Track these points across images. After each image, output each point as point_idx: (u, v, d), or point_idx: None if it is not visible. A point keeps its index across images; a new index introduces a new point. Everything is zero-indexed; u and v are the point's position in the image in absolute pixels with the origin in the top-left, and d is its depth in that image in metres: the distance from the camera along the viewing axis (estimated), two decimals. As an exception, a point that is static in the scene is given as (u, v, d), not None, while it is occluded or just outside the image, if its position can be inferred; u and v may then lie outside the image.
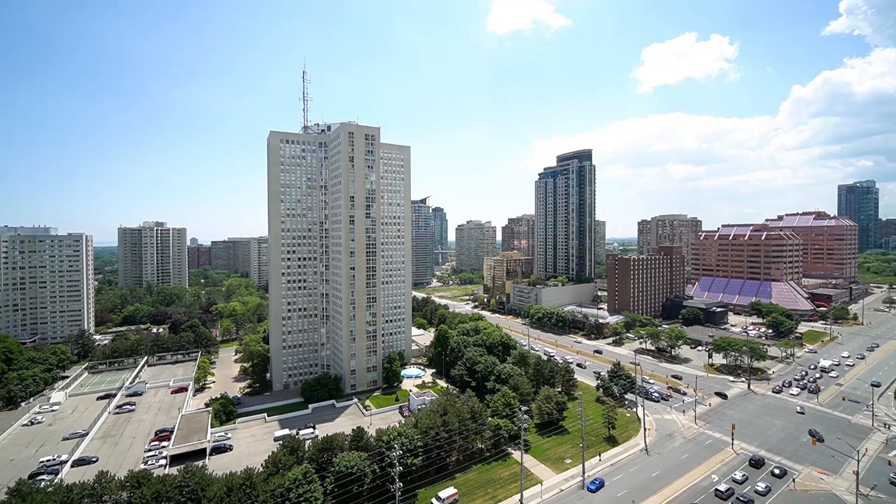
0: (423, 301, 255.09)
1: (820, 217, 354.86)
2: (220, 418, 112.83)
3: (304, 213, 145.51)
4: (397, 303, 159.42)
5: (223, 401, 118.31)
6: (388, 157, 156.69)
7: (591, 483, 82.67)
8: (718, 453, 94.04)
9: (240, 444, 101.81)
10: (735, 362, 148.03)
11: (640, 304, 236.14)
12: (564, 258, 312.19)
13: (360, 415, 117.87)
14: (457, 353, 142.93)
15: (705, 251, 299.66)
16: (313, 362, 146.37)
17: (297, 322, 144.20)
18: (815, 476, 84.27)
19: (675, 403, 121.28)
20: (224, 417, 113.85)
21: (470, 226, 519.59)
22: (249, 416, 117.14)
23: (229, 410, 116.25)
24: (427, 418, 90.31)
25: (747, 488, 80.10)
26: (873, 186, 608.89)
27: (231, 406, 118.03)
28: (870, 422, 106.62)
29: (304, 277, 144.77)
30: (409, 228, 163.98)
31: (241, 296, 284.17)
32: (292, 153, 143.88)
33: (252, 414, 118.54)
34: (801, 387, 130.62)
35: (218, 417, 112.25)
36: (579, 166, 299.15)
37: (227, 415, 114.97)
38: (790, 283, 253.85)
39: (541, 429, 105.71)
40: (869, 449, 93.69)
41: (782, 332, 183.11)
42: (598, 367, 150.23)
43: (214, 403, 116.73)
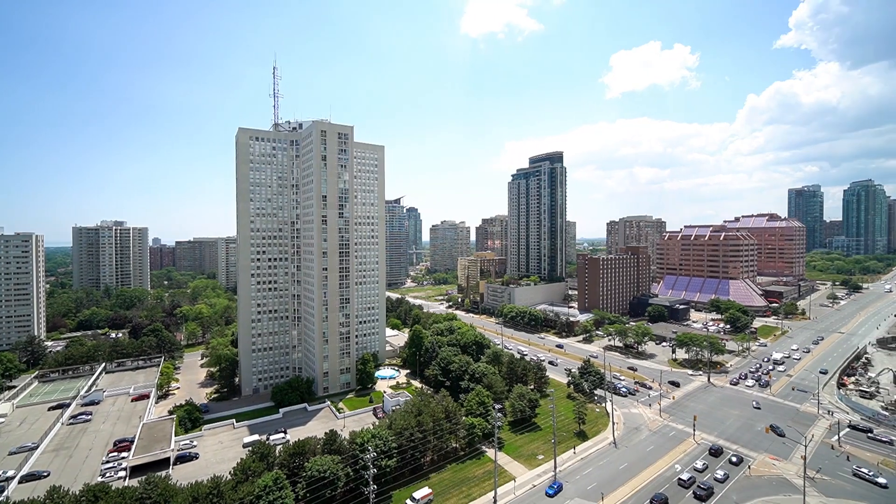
0: (397, 301, 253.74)
1: (772, 219, 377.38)
2: (185, 426, 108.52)
3: (275, 213, 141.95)
4: (371, 303, 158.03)
5: (188, 407, 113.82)
6: (362, 156, 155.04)
7: (549, 488, 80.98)
8: (681, 444, 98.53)
9: (206, 452, 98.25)
10: (696, 357, 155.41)
11: (608, 303, 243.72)
12: (537, 258, 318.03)
13: (333, 418, 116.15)
14: (431, 354, 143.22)
15: (669, 251, 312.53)
16: (284, 365, 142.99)
17: (268, 324, 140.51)
18: (768, 462, 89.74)
19: (641, 397, 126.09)
20: (189, 425, 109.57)
21: (444, 226, 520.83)
22: (217, 422, 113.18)
23: (195, 417, 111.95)
24: (401, 419, 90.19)
25: (707, 476, 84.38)
26: (818, 190, 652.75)
27: (197, 412, 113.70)
28: (816, 409, 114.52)
29: (274, 278, 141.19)
30: (383, 228, 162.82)
31: (207, 298, 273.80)
32: (262, 151, 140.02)
33: (219, 420, 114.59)
34: (756, 379, 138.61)
35: (183, 425, 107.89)
36: (551, 168, 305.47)
37: (192, 422, 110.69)
38: (746, 281, 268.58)
39: (514, 426, 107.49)
40: (815, 435, 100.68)
41: (739, 328, 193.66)
42: (569, 364, 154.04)
43: (179, 410, 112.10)
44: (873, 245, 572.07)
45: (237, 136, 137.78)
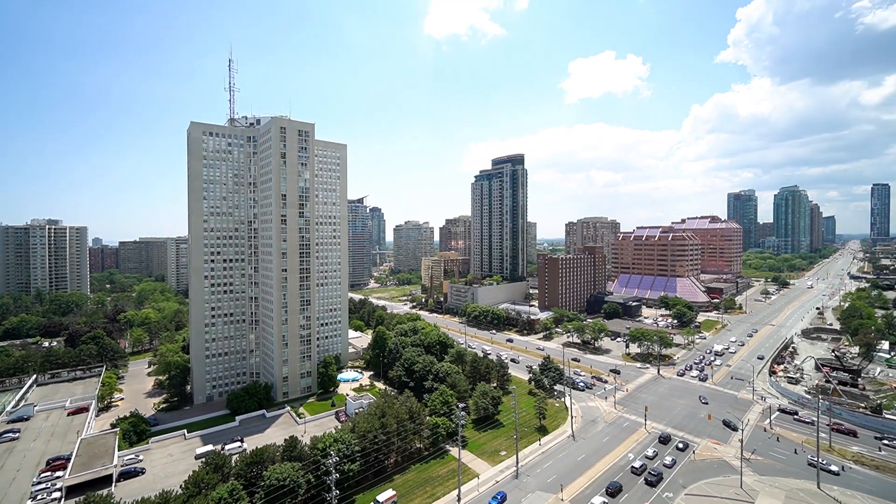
0: (360, 303, 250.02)
1: (714, 221, 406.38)
2: (130, 439, 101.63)
3: (230, 212, 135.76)
4: (333, 305, 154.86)
5: (133, 419, 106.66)
6: (324, 154, 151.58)
7: (493, 498, 77.46)
8: (634, 433, 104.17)
9: (154, 467, 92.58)
10: (647, 351, 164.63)
11: (567, 301, 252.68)
12: (499, 258, 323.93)
13: (293, 423, 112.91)
14: (395, 354, 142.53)
15: (623, 251, 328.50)
16: (241, 371, 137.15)
17: (223, 328, 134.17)
18: (710, 447, 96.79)
19: (598, 391, 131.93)
20: (135, 438, 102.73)
21: (408, 226, 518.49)
22: (166, 434, 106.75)
23: (141, 430, 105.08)
24: (365, 422, 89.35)
25: (657, 463, 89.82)
26: (753, 195, 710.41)
27: (143, 425, 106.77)
28: (750, 396, 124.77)
29: (230, 280, 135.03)
30: (346, 228, 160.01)
31: (155, 302, 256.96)
32: (217, 147, 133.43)
33: (169, 431, 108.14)
34: (699, 370, 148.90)
35: (127, 438, 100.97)
36: (512, 170, 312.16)
37: (138, 435, 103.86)
38: (691, 279, 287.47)
39: (477, 424, 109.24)
40: (750, 419, 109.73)
41: (685, 322, 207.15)
42: (530, 362, 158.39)
43: (122, 423, 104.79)
44: (799, 245, 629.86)
45: (189, 130, 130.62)
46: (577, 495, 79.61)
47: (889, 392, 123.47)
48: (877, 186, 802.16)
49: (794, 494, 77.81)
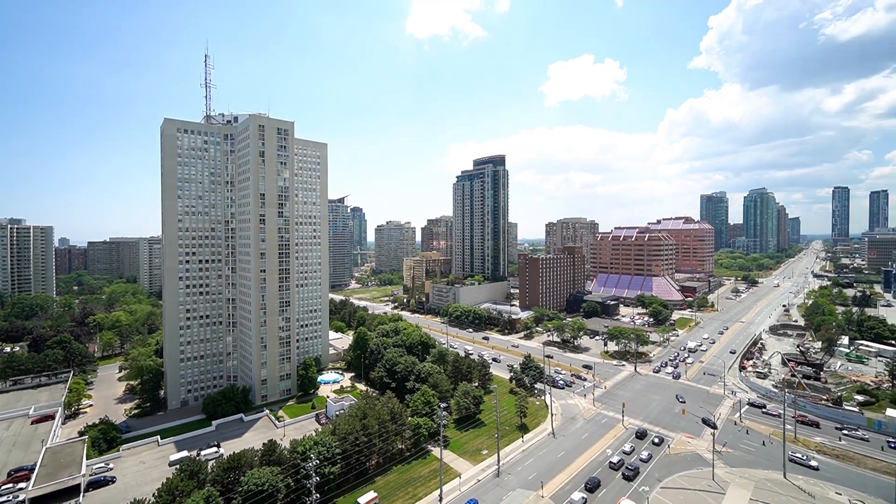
0: (341, 303, 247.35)
1: (687, 222, 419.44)
2: (100, 447, 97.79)
3: (207, 211, 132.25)
4: (313, 306, 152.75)
5: (103, 426, 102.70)
6: (304, 153, 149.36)
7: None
8: (612, 429, 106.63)
9: (125, 475, 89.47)
10: (625, 348, 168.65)
11: (547, 300, 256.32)
12: (481, 258, 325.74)
13: (272, 427, 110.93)
14: (376, 355, 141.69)
15: (601, 251, 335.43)
16: (217, 374, 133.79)
17: (198, 331, 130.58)
18: (684, 440, 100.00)
19: (577, 389, 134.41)
20: (105, 446, 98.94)
21: (389, 226, 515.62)
22: (138, 440, 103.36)
23: (111, 437, 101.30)
24: (346, 424, 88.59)
25: (634, 458, 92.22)
26: (724, 196, 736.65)
27: (114, 431, 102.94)
28: (722, 391, 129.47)
29: (206, 282, 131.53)
30: (326, 228, 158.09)
31: (126, 304, 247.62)
32: (192, 144, 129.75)
33: (141, 438, 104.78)
34: (674, 366, 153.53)
35: (96, 447, 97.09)
36: (494, 171, 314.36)
37: (108, 442, 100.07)
38: (666, 278, 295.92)
39: (459, 423, 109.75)
40: (722, 413, 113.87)
41: (660, 320, 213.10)
42: (511, 361, 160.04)
43: (91, 430, 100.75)
44: (766, 245, 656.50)
45: (163, 127, 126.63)
46: (557, 492, 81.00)
47: (848, 385, 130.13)
48: (837, 189, 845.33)
49: (762, 485, 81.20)
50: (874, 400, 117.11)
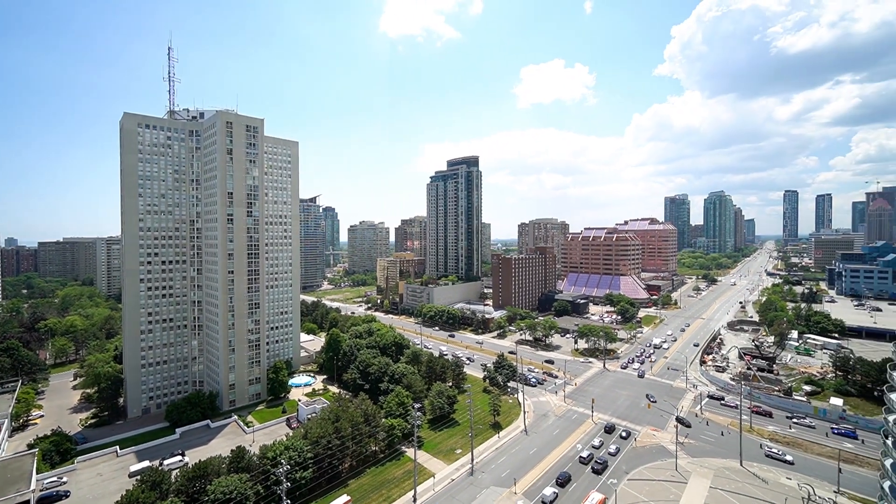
0: (313, 305, 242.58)
1: (653, 223, 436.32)
2: (52, 460, 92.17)
3: (170, 210, 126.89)
4: (284, 308, 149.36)
5: (55, 438, 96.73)
6: (274, 151, 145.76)
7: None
8: (582, 425, 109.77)
9: (81, 489, 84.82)
10: (594, 346, 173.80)
11: (520, 299, 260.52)
12: (454, 258, 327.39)
13: (240, 433, 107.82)
14: (349, 357, 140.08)
15: (571, 251, 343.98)
16: (182, 380, 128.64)
17: (161, 335, 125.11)
18: (649, 433, 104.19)
19: (549, 386, 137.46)
20: (57, 459, 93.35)
21: (363, 226, 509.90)
22: (95, 451, 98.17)
23: (65, 449, 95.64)
24: (318, 427, 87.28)
25: (603, 451, 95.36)
26: (686, 199, 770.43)
27: (67, 443, 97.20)
28: (684, 385, 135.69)
29: (169, 283, 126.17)
30: (298, 228, 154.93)
31: (82, 308, 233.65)
32: (155, 140, 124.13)
33: (98, 449, 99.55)
34: (640, 362, 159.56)
35: (48, 460, 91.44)
36: (467, 171, 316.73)
37: (61, 455, 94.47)
38: (633, 277, 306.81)
39: (433, 423, 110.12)
40: (684, 406, 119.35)
41: (628, 318, 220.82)
42: (485, 360, 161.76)
43: (42, 443, 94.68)
44: (725, 245, 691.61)
45: (122, 122, 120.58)
46: (530, 488, 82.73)
47: (797, 376, 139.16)
48: (788, 193, 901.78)
49: (721, 473, 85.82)
50: (820, 389, 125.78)
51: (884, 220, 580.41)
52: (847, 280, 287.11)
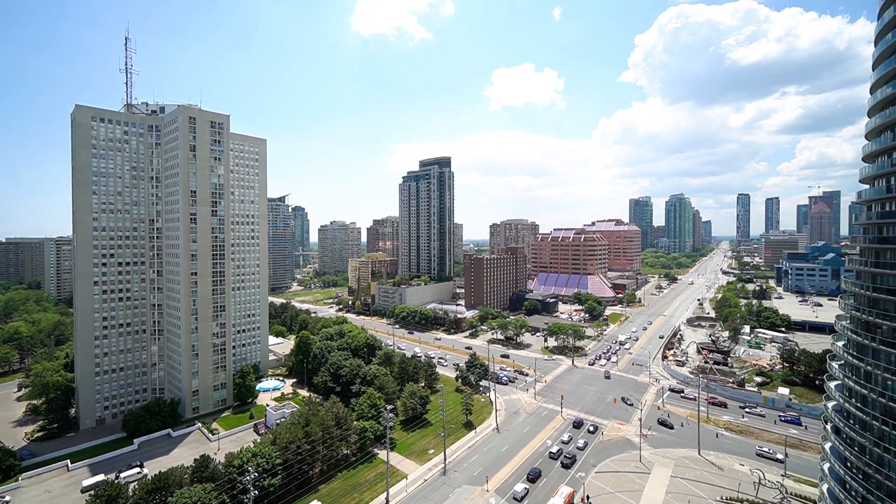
0: (282, 307, 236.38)
1: (618, 224, 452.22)
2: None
3: (128, 209, 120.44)
4: (251, 310, 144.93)
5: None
6: (241, 149, 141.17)
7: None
8: (552, 421, 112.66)
9: (28, 506, 79.31)
10: (563, 343, 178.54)
11: (492, 299, 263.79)
12: (427, 258, 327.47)
13: (205, 441, 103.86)
14: (320, 359, 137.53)
15: (541, 251, 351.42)
16: (140, 387, 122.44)
17: (117, 341, 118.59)
18: (615, 427, 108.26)
19: (520, 384, 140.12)
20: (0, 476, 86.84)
21: (334, 226, 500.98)
22: (42, 467, 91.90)
23: (7, 465, 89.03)
24: (287, 432, 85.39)
25: (571, 446, 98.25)
26: (649, 201, 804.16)
27: (10, 459, 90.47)
28: (648, 379, 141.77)
29: (126, 286, 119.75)
30: (266, 228, 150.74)
31: (28, 313, 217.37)
32: (110, 135, 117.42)
33: (47, 464, 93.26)
34: (607, 358, 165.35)
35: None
36: (440, 172, 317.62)
37: (3, 472, 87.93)
38: (600, 276, 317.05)
39: (406, 424, 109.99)
40: (647, 400, 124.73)
41: (595, 316, 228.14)
42: (457, 360, 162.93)
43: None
44: (684, 245, 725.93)
45: (74, 114, 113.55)
46: (502, 485, 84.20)
47: (749, 368, 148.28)
48: (741, 196, 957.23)
49: (681, 462, 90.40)
50: (769, 380, 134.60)
51: (824, 222, 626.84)
52: (793, 278, 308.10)
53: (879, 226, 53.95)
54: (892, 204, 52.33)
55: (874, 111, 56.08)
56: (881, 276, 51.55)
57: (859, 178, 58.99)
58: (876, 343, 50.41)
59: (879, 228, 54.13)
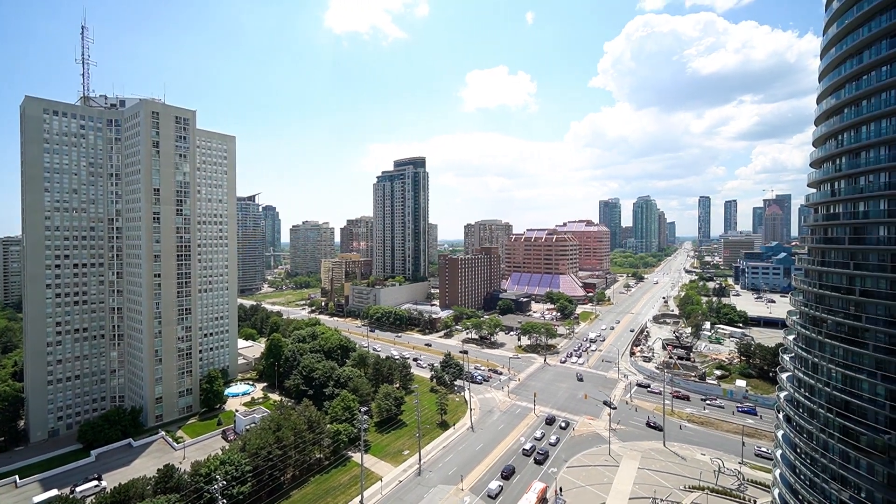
0: (252, 309, 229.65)
1: (589, 224, 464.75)
2: (-69, 496, 79.29)
3: (84, 208, 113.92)
4: (219, 313, 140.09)
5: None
6: (208, 146, 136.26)
7: None
8: (525, 418, 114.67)
9: (-29, 525, 73.87)
10: (536, 342, 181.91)
11: (466, 299, 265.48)
12: (402, 259, 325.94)
13: (169, 450, 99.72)
14: (292, 362, 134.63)
15: (515, 251, 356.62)
16: (98, 396, 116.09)
17: (73, 347, 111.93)
18: (586, 422, 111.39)
19: (494, 383, 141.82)
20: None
21: (306, 226, 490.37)
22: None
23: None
24: (257, 438, 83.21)
25: (544, 443, 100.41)
26: (618, 202, 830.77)
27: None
28: (616, 375, 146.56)
29: (83, 289, 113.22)
30: (235, 228, 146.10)
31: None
32: (65, 129, 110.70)
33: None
34: (577, 356, 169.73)
35: (-74, 496, 78.56)
36: (414, 172, 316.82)
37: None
38: (571, 276, 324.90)
39: (380, 426, 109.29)
40: (616, 395, 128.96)
41: (566, 315, 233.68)
42: (432, 360, 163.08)
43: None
44: (650, 245, 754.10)
45: (23, 106, 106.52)
46: (476, 483, 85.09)
47: (710, 362, 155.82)
48: (702, 198, 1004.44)
49: (647, 454, 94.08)
50: (728, 373, 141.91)
51: (777, 224, 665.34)
52: (749, 276, 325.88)
53: (825, 227, 58.05)
54: (836, 207, 56.39)
55: (820, 120, 60.30)
56: (827, 274, 55.47)
57: (807, 183, 63.24)
58: (822, 336, 54.22)
59: (825, 230, 58.26)
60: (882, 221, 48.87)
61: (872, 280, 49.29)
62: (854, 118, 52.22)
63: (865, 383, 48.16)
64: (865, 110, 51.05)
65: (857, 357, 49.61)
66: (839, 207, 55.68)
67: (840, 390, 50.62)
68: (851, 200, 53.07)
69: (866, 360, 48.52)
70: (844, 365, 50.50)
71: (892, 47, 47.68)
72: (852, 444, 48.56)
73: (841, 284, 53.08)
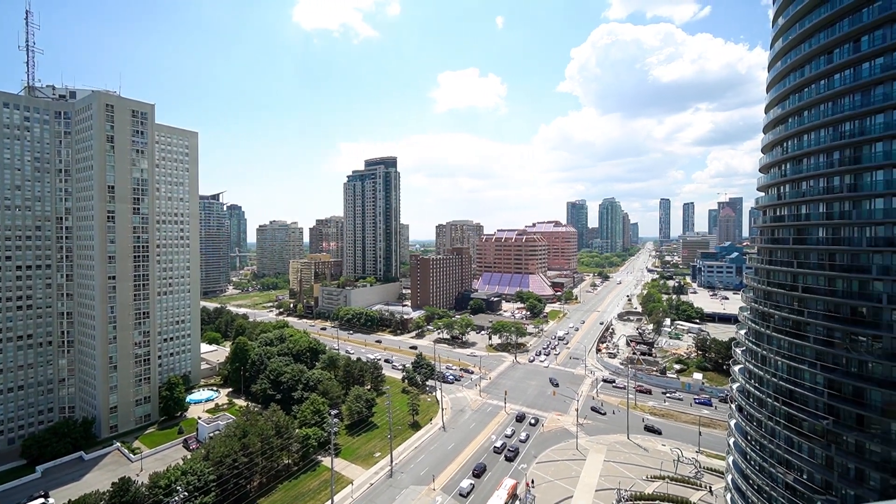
0: (216, 312, 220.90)
1: (557, 225, 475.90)
2: None
3: (29, 205, 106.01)
4: (180, 316, 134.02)
5: None
6: (168, 142, 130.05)
7: None
8: (496, 416, 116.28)
9: None
10: (507, 341, 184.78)
11: (438, 299, 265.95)
12: (373, 259, 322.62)
13: (125, 462, 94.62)
14: (259, 366, 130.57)
15: (486, 251, 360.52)
16: (45, 407, 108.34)
17: (16, 355, 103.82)
18: (555, 418, 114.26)
19: (465, 382, 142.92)
20: None
21: (273, 226, 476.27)
22: (-84, 505, 78.50)
23: None
24: (221, 445, 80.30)
25: (514, 440, 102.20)
26: (585, 204, 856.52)
27: None
28: (583, 371, 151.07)
29: (28, 293, 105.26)
30: (197, 228, 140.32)
31: None
32: (6, 121, 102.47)
33: (-79, 502, 79.77)
34: (546, 354, 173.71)
35: None
36: (385, 172, 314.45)
37: None
38: (540, 275, 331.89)
39: (351, 429, 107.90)
40: (583, 391, 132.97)
41: (536, 313, 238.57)
42: (404, 360, 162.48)
43: None
44: (615, 245, 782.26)
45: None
46: (448, 482, 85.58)
47: (670, 357, 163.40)
48: (663, 201, 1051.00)
49: (613, 447, 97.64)
50: (686, 367, 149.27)
51: (730, 225, 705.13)
52: (705, 274, 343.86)
53: (772, 228, 62.36)
54: (781, 209, 60.72)
55: (768, 128, 64.75)
56: (774, 272, 59.60)
57: (757, 187, 67.72)
58: (770, 330, 58.21)
59: (772, 231, 62.58)
60: (821, 223, 53.07)
61: (813, 277, 53.39)
62: (797, 127, 56.42)
63: (807, 373, 52.10)
64: (807, 120, 55.29)
65: (800, 349, 53.57)
66: (784, 210, 59.98)
67: (785, 380, 54.50)
68: (795, 203, 57.30)
69: (808, 351, 52.49)
70: (789, 357, 54.42)
71: (829, 63, 51.88)
72: (796, 429, 52.38)
73: (786, 282, 57.12)
